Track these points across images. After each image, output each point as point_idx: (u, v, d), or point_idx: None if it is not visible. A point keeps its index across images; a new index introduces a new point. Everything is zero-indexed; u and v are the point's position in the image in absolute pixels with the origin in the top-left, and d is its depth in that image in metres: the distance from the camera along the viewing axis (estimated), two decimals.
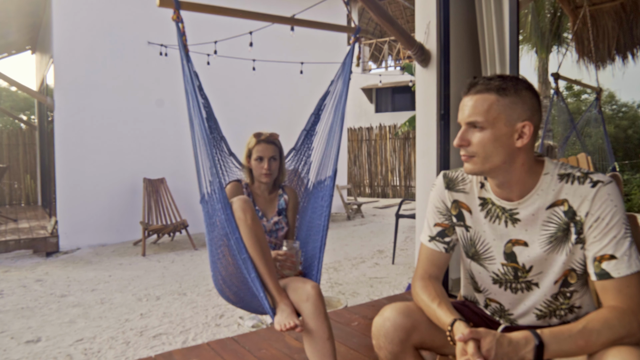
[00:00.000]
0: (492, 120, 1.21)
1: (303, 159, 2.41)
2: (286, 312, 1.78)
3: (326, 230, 1.99)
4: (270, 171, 2.17)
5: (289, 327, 1.72)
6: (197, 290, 4.44)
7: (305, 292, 1.81)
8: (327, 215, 2.01)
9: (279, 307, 1.82)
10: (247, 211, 1.85)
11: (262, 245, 1.84)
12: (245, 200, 1.90)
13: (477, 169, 1.25)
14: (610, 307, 1.14)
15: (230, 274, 1.94)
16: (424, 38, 3.23)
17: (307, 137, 2.40)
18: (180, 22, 1.93)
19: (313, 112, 2.37)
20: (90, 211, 6.73)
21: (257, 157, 2.17)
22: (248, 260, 1.81)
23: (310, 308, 1.78)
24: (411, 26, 13.82)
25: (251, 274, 1.81)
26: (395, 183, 12.64)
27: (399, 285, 4.48)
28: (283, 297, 1.83)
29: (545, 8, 10.34)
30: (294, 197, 2.30)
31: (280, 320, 1.76)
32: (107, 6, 6.81)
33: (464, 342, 1.11)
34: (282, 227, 2.23)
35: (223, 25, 5.83)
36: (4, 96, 18.65)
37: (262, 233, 1.88)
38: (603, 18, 5.26)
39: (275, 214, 2.24)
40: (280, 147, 2.24)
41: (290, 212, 2.27)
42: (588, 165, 2.71)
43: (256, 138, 2.21)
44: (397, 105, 16.34)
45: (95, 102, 6.78)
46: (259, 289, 1.81)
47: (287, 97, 8.36)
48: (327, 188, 2.08)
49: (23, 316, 3.81)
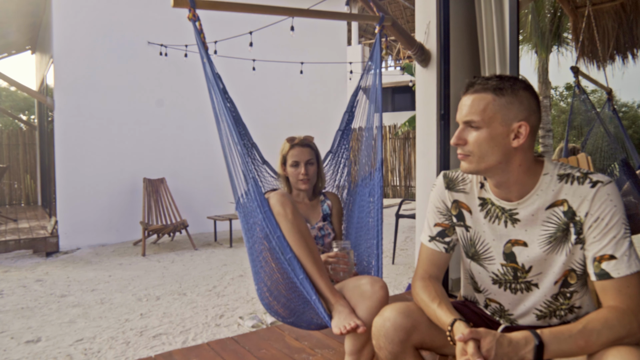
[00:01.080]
0: (488, 120, 1.21)
1: (341, 160, 2.28)
2: (344, 313, 1.60)
3: (381, 225, 1.84)
4: (308, 176, 2.03)
5: (350, 328, 1.54)
6: (197, 290, 4.44)
7: (370, 290, 1.62)
8: (378, 210, 1.86)
9: (335, 309, 1.63)
10: (287, 204, 1.68)
11: (307, 241, 1.67)
12: (283, 193, 1.73)
13: (472, 167, 1.26)
14: (610, 307, 1.14)
15: (275, 282, 1.75)
16: (424, 38, 3.23)
17: (343, 137, 2.27)
18: (197, 21, 1.86)
19: (346, 111, 2.26)
20: (90, 211, 6.73)
21: (293, 163, 2.04)
22: (294, 260, 1.64)
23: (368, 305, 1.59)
24: (411, 26, 13.82)
25: (299, 275, 1.63)
26: (395, 183, 12.64)
27: (399, 285, 4.48)
28: (338, 298, 1.64)
29: (545, 8, 10.34)
30: (337, 202, 2.16)
31: (339, 323, 1.57)
32: (107, 6, 6.81)
33: (464, 342, 1.11)
34: (329, 233, 2.08)
35: (223, 25, 5.83)
36: (4, 96, 18.66)
37: (306, 227, 1.71)
38: (603, 18, 5.27)
39: (319, 220, 2.09)
40: (317, 150, 2.12)
41: (335, 218, 2.13)
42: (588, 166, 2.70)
43: (290, 142, 2.07)
44: (397, 105, 16.36)
45: (95, 102, 6.78)
46: (310, 291, 1.62)
47: (287, 97, 8.36)
48: (375, 182, 1.93)
49: (23, 316, 3.81)
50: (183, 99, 7.18)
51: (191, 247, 6.45)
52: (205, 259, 5.82)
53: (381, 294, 1.61)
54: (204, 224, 7.22)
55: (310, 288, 1.63)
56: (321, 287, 1.65)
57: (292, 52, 7.61)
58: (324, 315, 1.63)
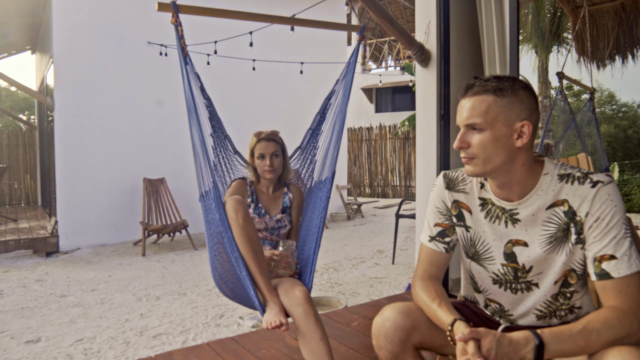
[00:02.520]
0: (491, 121, 1.21)
1: (308, 157, 2.42)
2: (274, 311, 1.81)
3: (321, 232, 2.01)
4: (273, 167, 2.18)
5: (275, 325, 1.76)
6: (197, 290, 4.44)
7: (294, 296, 1.83)
8: (323, 217, 2.03)
9: (268, 305, 1.85)
10: (239, 210, 1.88)
11: (253, 245, 1.87)
12: (238, 200, 1.92)
13: (478, 170, 1.25)
14: (611, 307, 1.14)
15: (226, 270, 1.98)
16: (424, 38, 3.23)
17: (312, 136, 2.41)
18: (179, 25, 1.96)
19: (319, 111, 2.38)
20: (90, 211, 6.73)
21: (259, 155, 2.19)
22: (239, 259, 1.85)
23: (300, 311, 1.80)
24: (411, 26, 13.81)
25: (242, 272, 1.85)
26: (395, 183, 12.64)
27: (399, 285, 4.48)
28: (273, 296, 1.86)
29: (545, 8, 10.34)
30: (299, 195, 2.31)
31: (268, 319, 1.80)
32: (107, 6, 6.81)
33: (464, 342, 1.11)
34: (285, 225, 2.23)
35: (223, 25, 5.82)
36: (4, 96, 18.66)
37: (254, 232, 1.91)
38: (603, 18, 5.27)
39: (279, 212, 2.24)
40: (282, 144, 2.26)
41: (295, 211, 2.28)
42: (588, 166, 2.70)
43: (257, 137, 2.23)
44: (397, 105, 16.34)
45: (95, 102, 6.78)
46: (249, 286, 1.85)
47: (287, 97, 8.36)
48: (326, 189, 2.10)
49: (23, 316, 3.81)
50: (183, 99, 7.11)
51: (191, 247, 6.45)
52: (205, 258, 5.82)
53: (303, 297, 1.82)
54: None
55: (250, 284, 1.85)
56: (260, 284, 1.87)
57: (292, 52, 7.60)
58: (259, 308, 1.87)
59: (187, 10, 2.01)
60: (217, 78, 7.19)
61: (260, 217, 2.18)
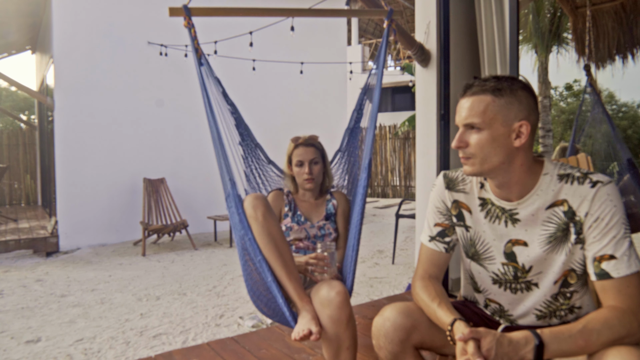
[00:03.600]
0: (489, 121, 1.21)
1: (351, 159, 2.24)
2: (306, 319, 1.58)
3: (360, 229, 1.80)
4: (313, 175, 2.02)
5: (304, 334, 1.51)
6: (197, 290, 4.44)
7: (326, 296, 1.59)
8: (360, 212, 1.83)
9: (300, 314, 1.61)
10: (258, 207, 1.68)
11: (277, 245, 1.66)
12: (257, 196, 1.74)
13: (476, 170, 1.26)
14: (610, 307, 1.14)
15: (255, 281, 1.75)
16: (424, 38, 3.23)
17: (352, 135, 2.24)
18: (192, 27, 1.88)
19: (355, 109, 2.23)
20: (90, 211, 6.73)
21: (298, 162, 2.03)
22: (263, 263, 1.64)
23: (328, 314, 1.57)
24: (411, 26, 13.82)
25: (268, 277, 1.63)
26: (395, 183, 12.64)
27: (399, 285, 4.48)
28: (305, 303, 1.62)
29: (545, 8, 10.34)
30: (344, 202, 2.11)
31: (298, 328, 1.56)
32: (107, 6, 6.81)
33: (464, 341, 1.11)
34: (330, 233, 2.04)
35: (223, 25, 5.83)
36: (4, 96, 18.67)
37: (278, 231, 1.70)
38: (603, 18, 5.27)
39: (322, 219, 2.06)
40: (322, 149, 2.10)
41: (341, 218, 2.08)
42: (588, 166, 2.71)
43: (294, 142, 2.06)
44: (397, 105, 16.35)
45: (95, 102, 6.78)
46: (277, 294, 1.62)
47: (287, 97, 8.36)
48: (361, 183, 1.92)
49: (23, 316, 3.81)
50: (183, 99, 7.18)
51: (191, 247, 6.45)
52: (206, 259, 5.82)
53: (338, 300, 1.58)
54: (204, 224, 7.22)
55: (277, 291, 1.62)
56: (289, 290, 1.64)
57: (292, 52, 7.61)
58: (289, 319, 1.62)
59: (199, 12, 1.92)
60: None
61: (299, 225, 2.00)
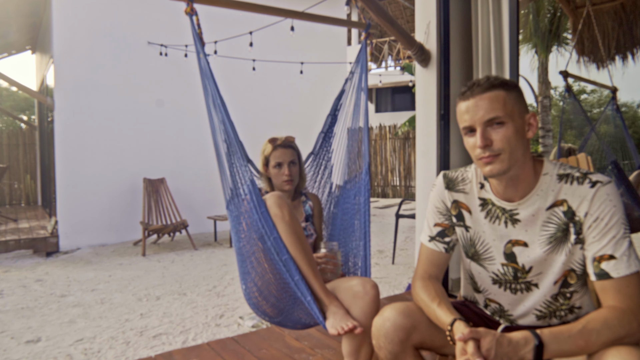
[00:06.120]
0: (510, 113, 1.20)
1: (322, 162, 2.29)
2: (339, 314, 1.61)
3: (368, 227, 1.85)
4: (292, 177, 2.04)
5: (348, 329, 1.55)
6: (197, 290, 4.44)
7: (361, 290, 1.64)
8: (365, 212, 1.88)
9: (329, 310, 1.64)
10: (284, 206, 1.69)
11: (303, 244, 1.68)
12: (280, 195, 1.74)
13: (505, 166, 1.20)
14: (610, 307, 1.14)
15: (267, 282, 1.76)
16: (424, 38, 3.23)
17: (325, 139, 2.29)
18: (194, 15, 1.85)
19: (329, 114, 2.27)
20: (90, 211, 6.73)
21: (276, 164, 2.04)
22: (290, 262, 1.65)
23: (361, 306, 1.61)
24: (411, 26, 13.82)
25: (295, 276, 1.64)
26: (395, 183, 12.64)
27: (399, 285, 4.48)
28: (332, 299, 1.66)
29: (545, 8, 10.33)
30: (317, 203, 2.17)
31: (335, 324, 1.58)
32: (107, 6, 6.81)
33: (464, 341, 1.11)
34: (311, 234, 2.08)
35: (223, 25, 5.83)
36: (4, 96, 18.66)
37: (302, 230, 1.72)
38: (603, 18, 5.27)
39: (302, 220, 2.08)
40: (298, 151, 2.12)
41: (317, 219, 2.13)
42: (588, 166, 2.70)
43: (272, 144, 2.06)
44: (397, 105, 16.36)
45: (95, 102, 6.78)
46: (305, 292, 1.64)
47: (287, 97, 8.36)
48: (361, 184, 1.96)
49: (23, 316, 3.81)
50: (183, 99, 7.18)
51: (191, 247, 6.45)
52: (205, 259, 5.82)
53: (373, 294, 1.65)
54: (204, 224, 7.22)
55: (306, 289, 1.64)
56: (316, 288, 1.67)
57: (292, 52, 7.60)
58: (318, 316, 1.64)
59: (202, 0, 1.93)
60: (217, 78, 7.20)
61: None
